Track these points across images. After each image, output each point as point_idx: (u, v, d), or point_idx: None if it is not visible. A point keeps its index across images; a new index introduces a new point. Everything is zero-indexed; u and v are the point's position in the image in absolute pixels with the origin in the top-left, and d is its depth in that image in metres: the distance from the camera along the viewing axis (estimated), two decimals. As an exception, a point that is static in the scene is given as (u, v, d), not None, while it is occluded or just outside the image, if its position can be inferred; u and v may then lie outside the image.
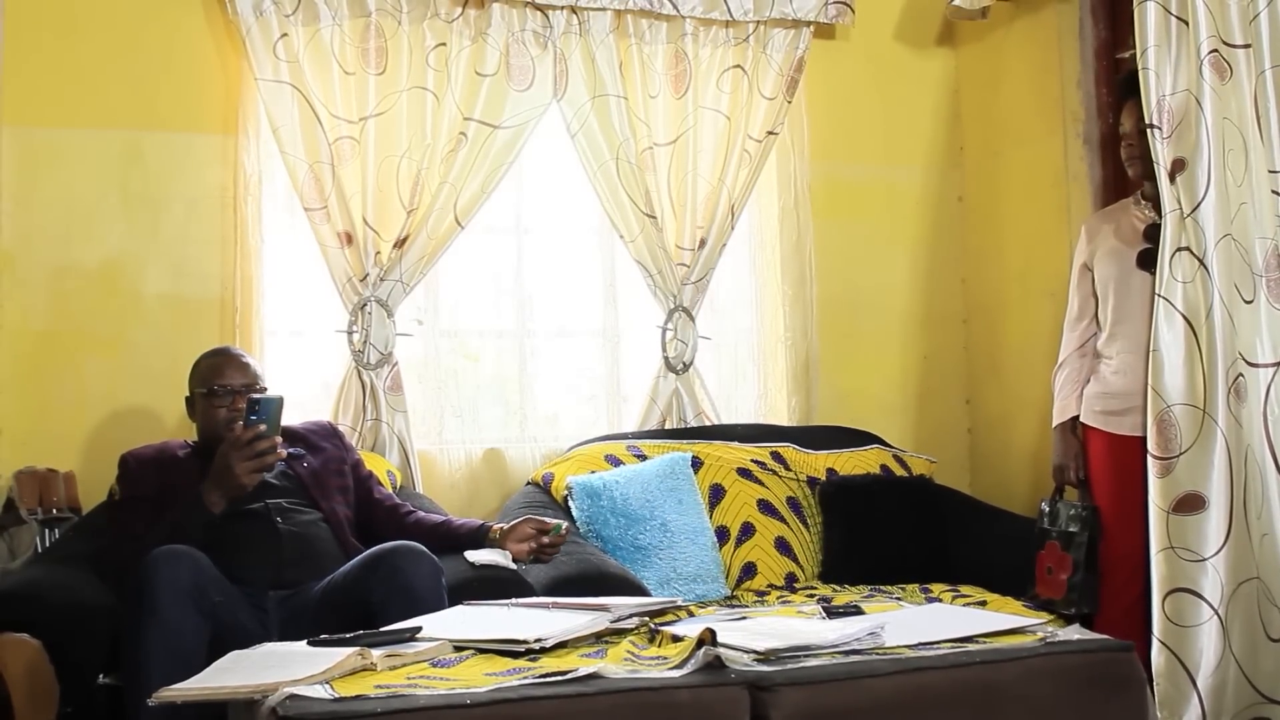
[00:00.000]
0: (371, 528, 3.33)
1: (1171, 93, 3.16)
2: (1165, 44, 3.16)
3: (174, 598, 2.71)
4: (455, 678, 2.27)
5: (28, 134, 3.68)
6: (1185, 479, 3.09)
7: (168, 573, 2.74)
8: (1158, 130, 3.15)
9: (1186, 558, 3.07)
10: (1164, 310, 3.13)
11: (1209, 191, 3.12)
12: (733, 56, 4.30)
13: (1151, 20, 3.16)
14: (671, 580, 3.52)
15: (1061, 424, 3.50)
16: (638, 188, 4.12)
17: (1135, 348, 3.29)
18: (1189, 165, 3.14)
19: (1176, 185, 3.14)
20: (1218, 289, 3.11)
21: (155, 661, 2.61)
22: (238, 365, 3.26)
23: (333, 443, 3.40)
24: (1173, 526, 3.08)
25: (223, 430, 3.10)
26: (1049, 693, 2.45)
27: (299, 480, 3.25)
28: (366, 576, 2.90)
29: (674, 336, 4.19)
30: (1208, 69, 3.14)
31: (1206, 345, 3.10)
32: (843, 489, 3.96)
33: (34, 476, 3.47)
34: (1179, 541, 3.08)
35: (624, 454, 3.89)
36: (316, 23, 3.85)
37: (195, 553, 2.84)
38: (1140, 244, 3.33)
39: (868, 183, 4.57)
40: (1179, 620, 3.07)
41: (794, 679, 2.29)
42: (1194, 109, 3.15)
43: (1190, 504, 3.09)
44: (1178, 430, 3.10)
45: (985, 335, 4.57)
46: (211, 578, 2.84)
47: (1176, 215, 3.14)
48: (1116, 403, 3.35)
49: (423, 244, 3.90)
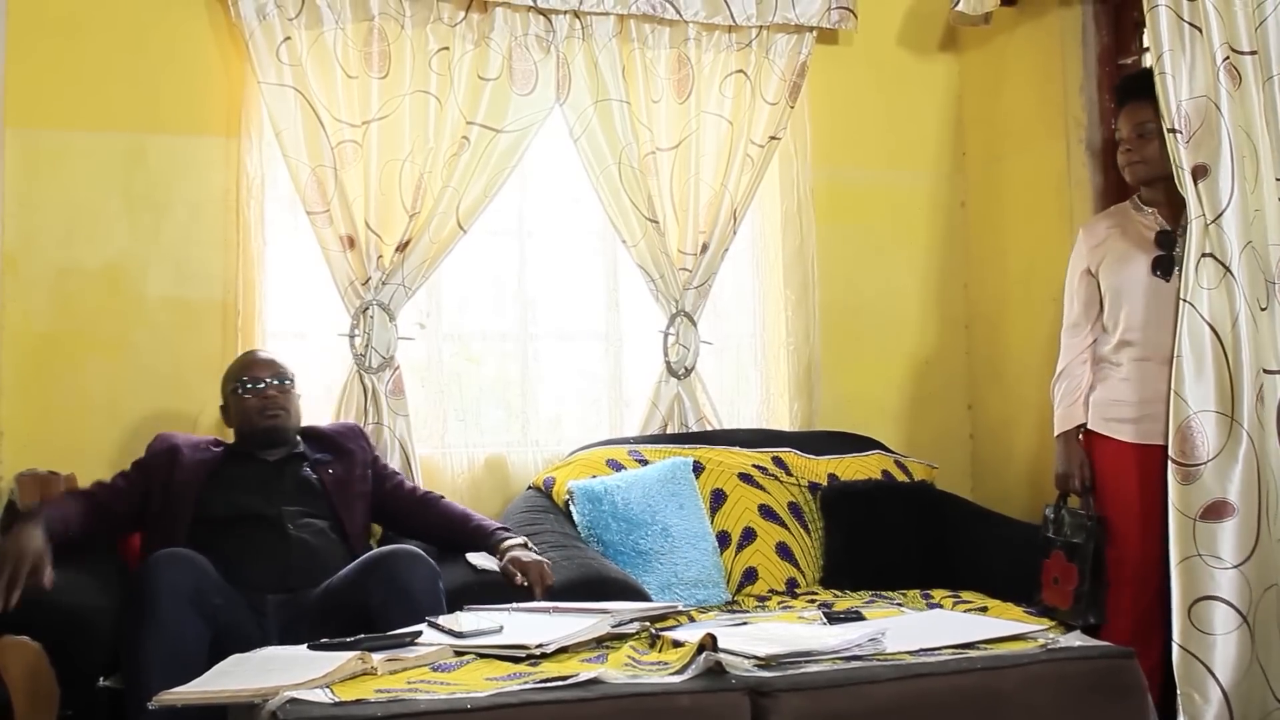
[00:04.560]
0: (397, 517, 3.38)
1: (1189, 97, 3.14)
2: (1179, 49, 3.15)
3: (175, 601, 2.71)
4: (456, 682, 2.27)
5: (31, 136, 3.69)
6: (1213, 486, 3.05)
7: (169, 575, 2.75)
8: (1179, 135, 3.13)
9: (1213, 565, 3.03)
10: (1189, 316, 3.09)
11: (1233, 198, 3.11)
12: (735, 61, 4.30)
13: (1164, 25, 3.14)
14: (672, 585, 3.52)
15: (1065, 432, 3.45)
16: (640, 192, 4.12)
17: (1150, 355, 3.26)
18: (1211, 171, 3.12)
19: (1199, 190, 3.12)
20: (1244, 295, 3.09)
21: (155, 665, 2.61)
22: (263, 361, 3.42)
23: (359, 444, 3.46)
24: (1199, 534, 3.04)
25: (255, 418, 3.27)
26: (1050, 699, 2.46)
27: (322, 487, 3.28)
28: (365, 580, 2.90)
29: (676, 341, 4.19)
30: (1224, 75, 3.13)
31: (1233, 351, 3.07)
32: (844, 494, 3.96)
33: (35, 479, 3.47)
34: (1206, 549, 3.04)
35: (625, 459, 3.89)
36: (320, 26, 3.85)
37: (196, 556, 2.85)
38: (1152, 250, 3.30)
39: (870, 188, 4.57)
40: (1205, 628, 3.03)
41: (795, 684, 2.29)
42: (1213, 114, 3.13)
43: (1218, 511, 3.05)
44: (1204, 437, 3.07)
45: (987, 341, 4.56)
46: (212, 581, 2.85)
47: (1201, 221, 3.11)
48: (1127, 410, 3.31)
49: (425, 248, 3.90)
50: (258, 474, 3.26)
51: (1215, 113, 3.13)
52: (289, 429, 3.36)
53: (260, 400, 3.31)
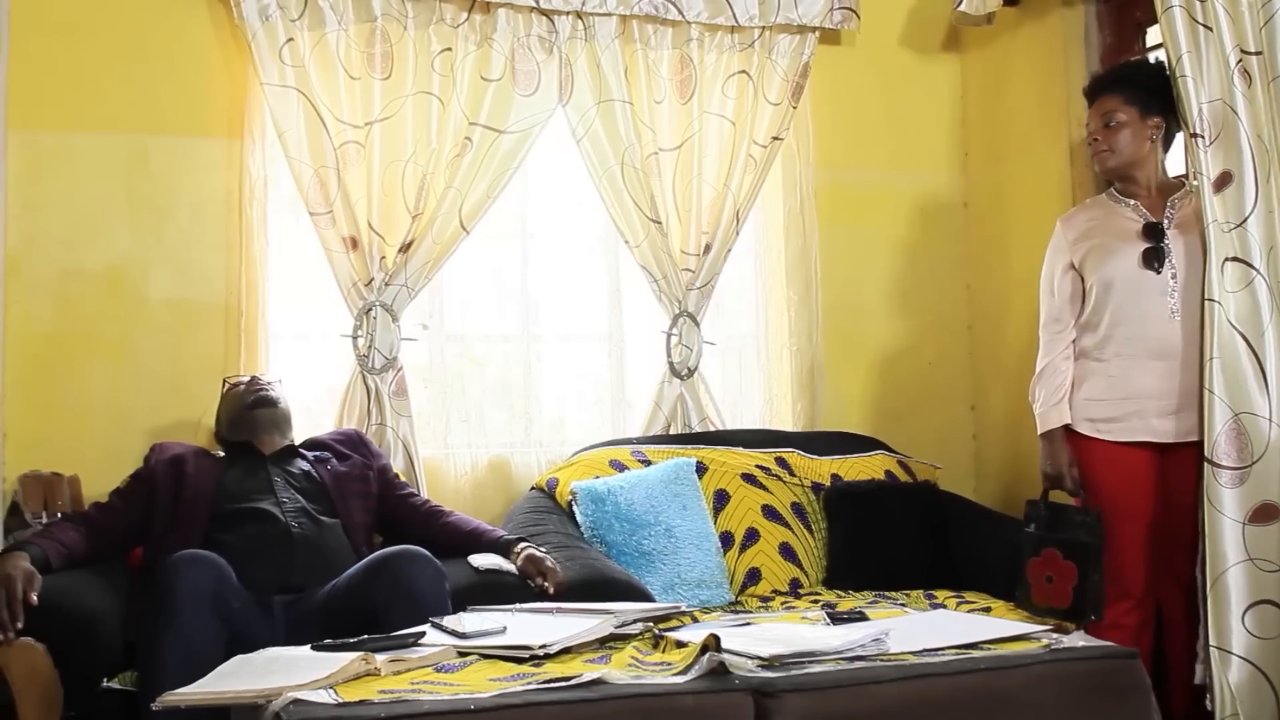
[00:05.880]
0: (403, 529, 3.38)
1: (1208, 100, 3.12)
2: (1196, 50, 3.13)
3: (194, 603, 2.72)
4: (459, 683, 2.27)
5: (33, 138, 3.68)
6: (1260, 489, 3.01)
7: (189, 577, 2.75)
8: (1200, 140, 3.10)
9: (1266, 569, 3.00)
10: (1217, 318, 3.05)
11: (1258, 203, 3.08)
12: (738, 62, 4.30)
13: (1180, 27, 3.13)
14: (676, 586, 3.52)
15: (1051, 430, 3.35)
16: (643, 193, 4.12)
17: (1138, 350, 3.23)
18: (1235, 177, 3.10)
19: (1222, 196, 3.10)
20: (1274, 297, 3.07)
21: (173, 666, 2.60)
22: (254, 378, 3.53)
23: (359, 451, 3.47)
24: (1250, 538, 3.00)
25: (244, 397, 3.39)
26: (1054, 699, 2.46)
27: (321, 484, 3.29)
28: (369, 581, 2.90)
29: (679, 342, 4.19)
30: (1238, 77, 3.11)
31: (1263, 353, 3.05)
32: (847, 495, 3.96)
33: (39, 480, 3.47)
34: (1258, 553, 3.00)
35: (628, 459, 3.89)
36: (322, 28, 3.85)
37: (216, 558, 2.86)
38: (1139, 242, 3.25)
39: (873, 188, 4.57)
40: (1262, 633, 2.99)
41: (798, 685, 2.29)
42: (1230, 117, 3.11)
43: (1267, 514, 3.01)
44: (1248, 440, 3.03)
45: (990, 341, 4.56)
46: (231, 584, 2.85)
47: (1221, 226, 3.08)
48: (1114, 409, 3.26)
49: (428, 249, 3.90)
50: (258, 472, 3.27)
51: (1233, 116, 3.11)
52: (278, 409, 3.40)
53: (247, 388, 3.43)
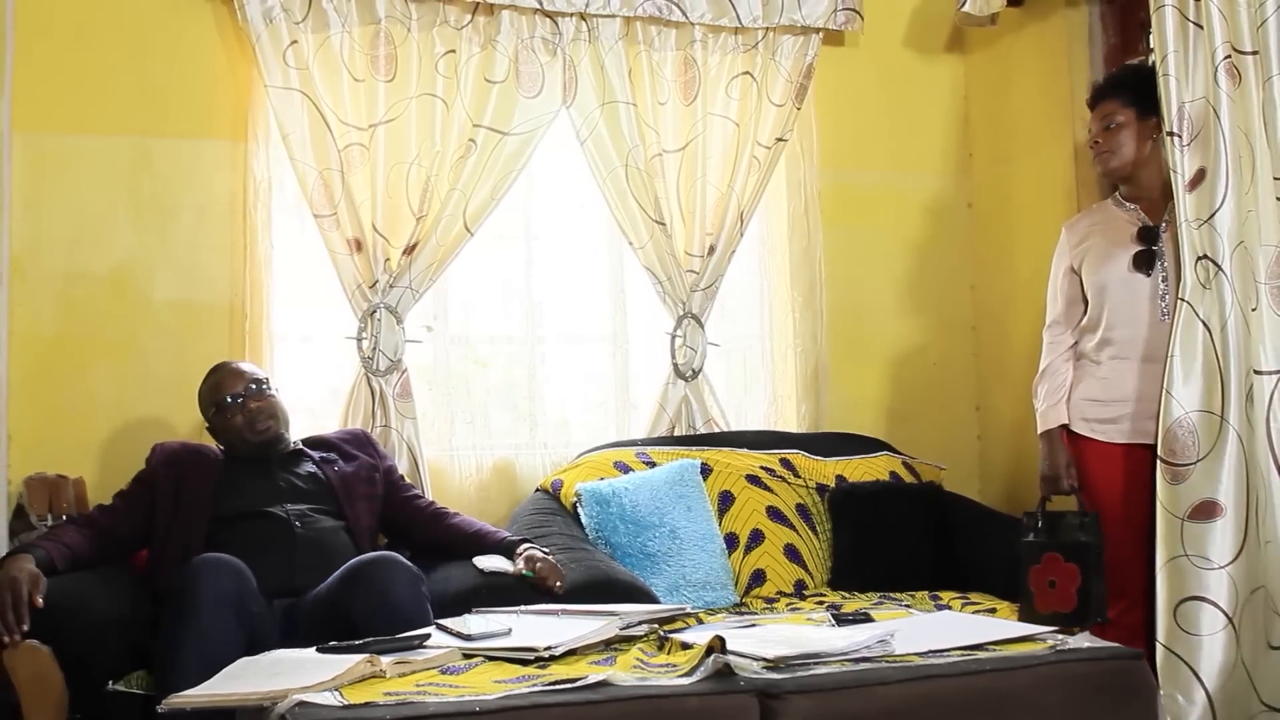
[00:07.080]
0: (408, 530, 3.39)
1: (1191, 100, 3.14)
2: (1183, 49, 3.15)
3: (215, 606, 2.71)
4: (464, 685, 2.27)
5: (38, 140, 3.69)
6: (1202, 486, 3.06)
7: (211, 581, 2.75)
8: (1177, 138, 3.13)
9: (1200, 565, 3.04)
10: (1185, 316, 3.10)
11: (1226, 199, 3.11)
12: (742, 63, 4.30)
13: (1170, 25, 3.14)
14: (680, 587, 3.52)
15: (1049, 431, 3.38)
16: (647, 194, 4.12)
17: (1129, 353, 3.26)
18: (1209, 174, 3.12)
19: (1195, 194, 3.12)
20: (1235, 295, 3.09)
21: (192, 668, 2.59)
22: (232, 373, 3.36)
23: (366, 451, 3.46)
24: (1186, 534, 3.05)
25: (246, 434, 3.24)
26: (1059, 701, 2.45)
27: (328, 485, 3.29)
28: (347, 590, 2.88)
29: (683, 343, 4.19)
30: (1223, 75, 3.12)
31: (1222, 351, 3.08)
32: (852, 496, 3.95)
33: (44, 482, 3.48)
34: (1193, 549, 3.04)
35: (633, 461, 3.89)
36: (326, 30, 3.86)
37: (238, 563, 2.84)
38: (1132, 246, 3.29)
39: (877, 189, 4.57)
40: (1191, 629, 3.04)
41: (803, 686, 2.29)
42: (1211, 117, 3.13)
43: (1206, 511, 3.05)
44: (1195, 437, 3.07)
45: (994, 342, 4.56)
46: (251, 589, 2.84)
47: (1192, 224, 3.11)
48: (1107, 410, 3.29)
49: (432, 250, 3.90)
50: (261, 473, 3.26)
51: (1213, 115, 3.13)
52: (282, 434, 3.35)
53: (245, 415, 3.28)
